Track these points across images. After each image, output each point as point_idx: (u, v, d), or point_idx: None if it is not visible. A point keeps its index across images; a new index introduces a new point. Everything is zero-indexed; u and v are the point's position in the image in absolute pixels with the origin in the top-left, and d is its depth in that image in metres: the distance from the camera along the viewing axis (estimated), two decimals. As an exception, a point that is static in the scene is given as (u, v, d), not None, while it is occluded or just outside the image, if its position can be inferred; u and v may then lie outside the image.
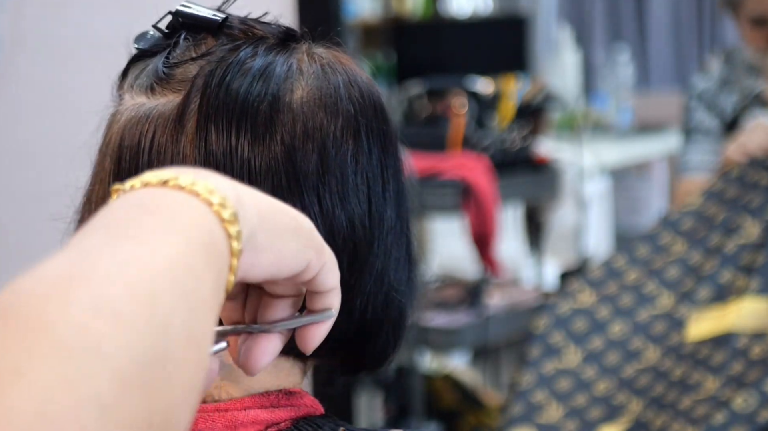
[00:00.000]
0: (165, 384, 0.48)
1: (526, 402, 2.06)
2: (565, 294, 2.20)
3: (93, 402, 0.44)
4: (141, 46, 0.83)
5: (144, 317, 0.48)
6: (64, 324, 0.45)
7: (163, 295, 0.50)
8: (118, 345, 0.46)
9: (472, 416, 3.34)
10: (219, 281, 0.55)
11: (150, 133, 0.79)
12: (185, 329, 0.50)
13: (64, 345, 0.45)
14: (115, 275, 0.49)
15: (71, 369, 0.44)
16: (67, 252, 0.50)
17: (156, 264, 0.51)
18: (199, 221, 0.55)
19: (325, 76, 0.81)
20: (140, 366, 0.46)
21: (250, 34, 0.82)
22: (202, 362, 0.51)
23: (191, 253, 0.53)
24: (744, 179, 2.12)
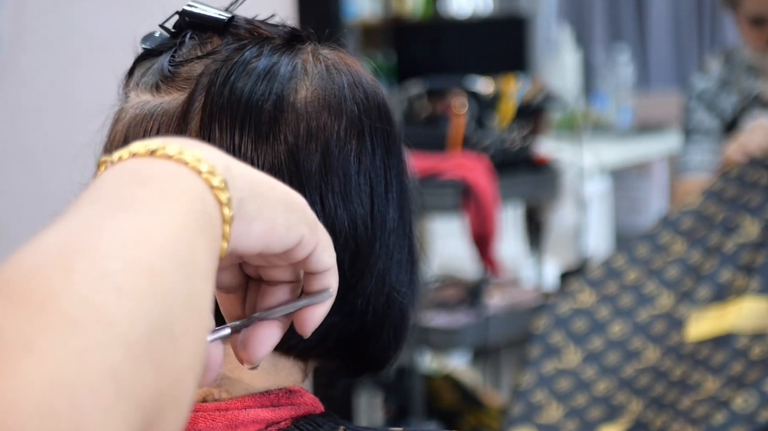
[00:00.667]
0: (172, 354, 0.48)
1: (526, 402, 2.06)
2: (565, 294, 2.20)
3: (107, 373, 0.44)
4: (148, 46, 0.83)
5: (146, 289, 0.48)
6: (70, 297, 0.46)
7: (162, 266, 0.50)
8: (125, 317, 0.46)
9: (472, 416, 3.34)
10: (213, 249, 0.55)
11: (154, 131, 0.79)
12: (186, 298, 0.50)
13: (72, 317, 0.45)
14: (114, 248, 0.49)
15: (82, 340, 0.44)
16: (64, 224, 0.50)
17: (153, 235, 0.51)
18: (189, 189, 0.55)
19: (330, 76, 0.81)
20: (148, 337, 0.47)
21: (256, 34, 0.82)
22: (203, 331, 0.51)
23: (185, 222, 0.53)
24: (743, 179, 2.12)
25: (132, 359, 0.45)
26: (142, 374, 0.46)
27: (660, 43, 5.55)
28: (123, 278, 0.48)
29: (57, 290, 0.46)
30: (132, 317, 0.47)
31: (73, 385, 0.43)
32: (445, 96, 3.35)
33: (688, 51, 5.55)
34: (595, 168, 4.04)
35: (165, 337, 0.48)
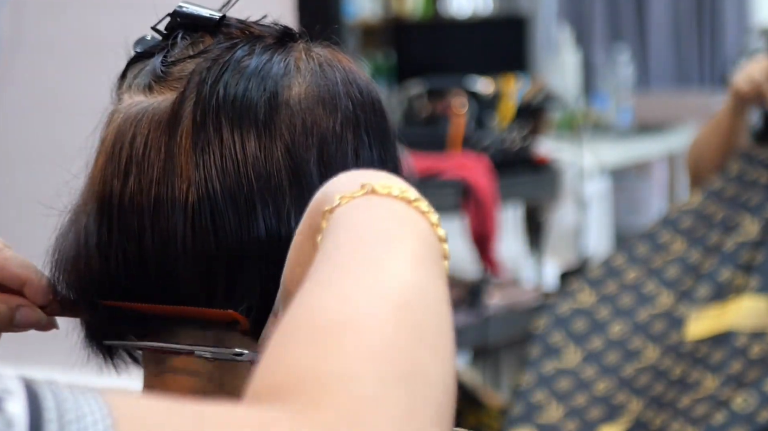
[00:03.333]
0: (451, 400, 0.54)
1: (526, 402, 2.06)
2: (565, 294, 2.20)
3: (426, 428, 0.50)
4: (140, 49, 0.83)
5: (445, 345, 0.54)
6: (400, 352, 0.51)
7: (445, 319, 0.56)
8: (437, 375, 0.53)
9: (472, 416, 3.33)
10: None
11: (146, 130, 0.79)
12: (453, 349, 0.56)
13: (406, 375, 0.50)
14: (420, 304, 0.55)
15: (413, 398, 0.50)
16: (352, 271, 0.56)
17: (435, 288, 0.57)
18: (427, 233, 0.60)
19: (323, 73, 0.81)
20: (445, 390, 0.53)
21: (248, 33, 0.82)
22: None
23: (437, 269, 0.59)
24: (743, 177, 2.12)
25: (441, 417, 0.51)
26: (444, 425, 0.52)
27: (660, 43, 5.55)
28: (436, 338, 0.54)
29: (394, 343, 0.52)
30: (443, 379, 0.53)
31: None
32: (445, 96, 3.35)
33: (688, 51, 5.55)
34: (595, 168, 4.04)
35: (451, 389, 0.54)
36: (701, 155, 2.29)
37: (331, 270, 0.55)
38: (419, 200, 0.61)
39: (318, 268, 0.56)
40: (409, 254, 0.57)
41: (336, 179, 0.64)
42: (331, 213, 0.61)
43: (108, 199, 0.79)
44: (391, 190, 0.60)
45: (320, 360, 0.49)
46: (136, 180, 0.78)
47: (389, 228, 0.59)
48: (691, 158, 2.35)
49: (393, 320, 0.52)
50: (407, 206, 0.60)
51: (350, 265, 0.55)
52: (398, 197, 0.60)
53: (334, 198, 0.61)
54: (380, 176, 0.63)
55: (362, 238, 0.58)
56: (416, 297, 0.54)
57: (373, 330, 0.51)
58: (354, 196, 0.61)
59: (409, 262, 0.56)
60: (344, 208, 0.60)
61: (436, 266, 0.58)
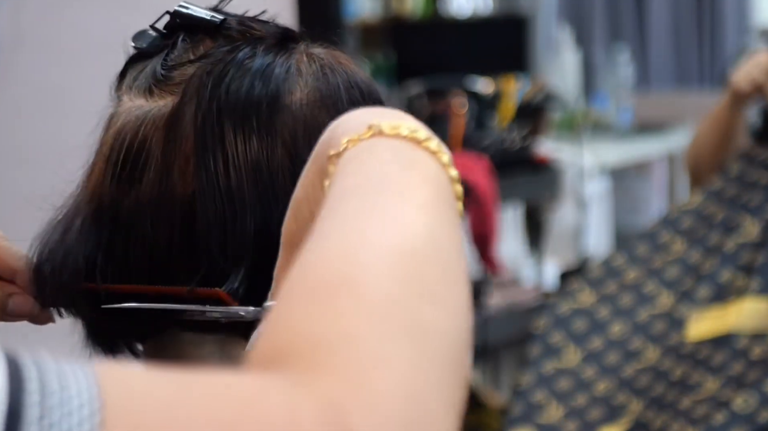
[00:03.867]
0: (465, 356, 0.51)
1: (526, 402, 2.06)
2: (565, 294, 2.20)
3: (438, 384, 0.48)
4: (139, 45, 0.83)
5: (456, 300, 0.52)
6: (405, 308, 0.49)
7: (454, 266, 0.54)
8: (447, 329, 0.50)
9: (472, 416, 3.33)
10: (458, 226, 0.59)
11: (149, 135, 0.78)
12: (466, 297, 0.54)
13: (410, 330, 0.48)
14: (427, 254, 0.52)
15: (418, 354, 0.48)
16: (359, 214, 0.54)
17: (445, 232, 0.55)
18: (438, 174, 0.58)
19: (325, 77, 0.81)
20: (455, 344, 0.50)
21: (248, 35, 0.82)
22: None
23: (450, 212, 0.57)
24: (743, 178, 2.12)
25: (451, 371, 0.49)
26: (457, 383, 0.50)
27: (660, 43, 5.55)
28: (442, 290, 0.52)
29: (395, 298, 0.49)
30: (451, 332, 0.50)
31: (422, 398, 0.47)
32: (445, 96, 3.35)
33: (688, 51, 5.54)
34: (595, 168, 4.04)
35: (464, 342, 0.51)
36: (700, 153, 2.29)
37: (333, 222, 0.54)
38: (429, 139, 0.59)
39: (322, 220, 0.55)
40: (417, 200, 0.55)
41: (343, 119, 0.62)
42: (338, 157, 0.59)
43: (108, 203, 0.79)
44: (399, 130, 0.59)
45: (318, 322, 0.48)
46: (138, 184, 0.78)
47: (397, 173, 0.57)
48: (690, 156, 2.35)
49: (396, 272, 0.50)
50: (416, 146, 0.58)
51: (354, 216, 0.54)
52: (407, 137, 0.58)
53: (341, 141, 0.60)
54: (388, 114, 0.61)
55: (368, 185, 0.56)
56: (424, 246, 0.52)
57: (374, 285, 0.49)
58: (361, 138, 0.59)
59: (417, 208, 0.54)
60: (351, 152, 0.59)
61: (447, 210, 0.56)
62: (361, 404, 0.44)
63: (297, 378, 0.45)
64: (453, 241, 0.55)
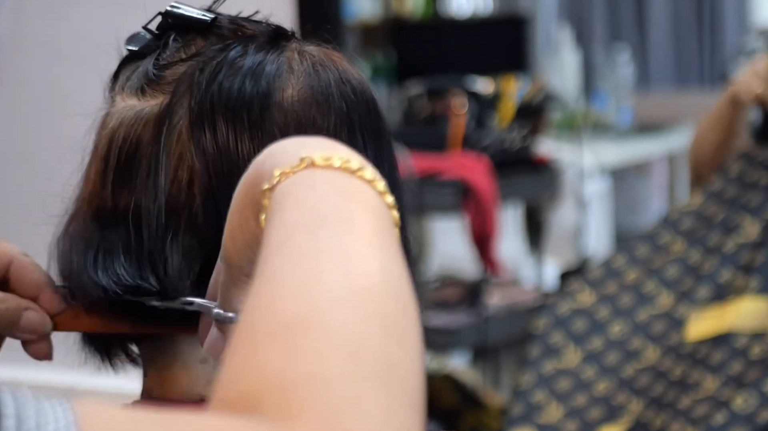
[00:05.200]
0: (422, 397, 0.51)
1: (526, 402, 2.06)
2: (564, 294, 2.20)
3: (408, 428, 0.47)
4: (133, 46, 0.83)
5: (410, 330, 0.51)
6: (373, 349, 0.48)
7: (406, 298, 0.53)
8: (408, 368, 0.50)
9: (471, 416, 3.33)
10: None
11: (141, 134, 0.78)
12: (417, 329, 0.53)
13: (379, 373, 0.48)
14: (381, 290, 0.52)
15: (388, 397, 0.47)
16: (315, 250, 0.53)
17: (391, 268, 0.54)
18: (376, 203, 0.57)
19: (316, 74, 0.81)
20: (417, 382, 0.50)
21: (240, 34, 0.82)
22: None
23: (393, 239, 0.56)
24: (743, 179, 2.12)
25: (415, 411, 0.49)
26: (420, 423, 0.49)
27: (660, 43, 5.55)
28: (402, 328, 0.51)
29: (362, 338, 0.48)
30: (414, 371, 0.50)
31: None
32: (445, 96, 3.35)
33: (688, 51, 5.54)
34: (595, 168, 4.04)
35: (422, 383, 0.51)
36: (701, 152, 2.28)
37: (282, 262, 0.52)
38: (363, 169, 0.57)
39: (268, 260, 0.53)
40: (364, 234, 0.54)
41: (272, 150, 0.60)
42: (271, 191, 0.58)
43: (104, 203, 0.79)
44: (332, 161, 0.57)
45: (287, 363, 0.47)
46: (131, 183, 0.78)
47: (339, 206, 0.55)
48: (692, 153, 2.34)
49: (358, 311, 0.49)
50: (351, 176, 0.57)
51: (306, 253, 0.52)
52: (340, 168, 0.57)
53: (273, 174, 0.58)
54: (318, 144, 0.59)
55: (312, 220, 0.54)
56: (379, 282, 0.51)
57: (339, 324, 0.48)
58: (294, 170, 0.57)
59: (366, 243, 0.53)
60: (284, 185, 0.57)
61: (391, 241, 0.55)
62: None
63: (272, 422, 0.45)
64: (402, 274, 0.54)
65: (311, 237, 0.53)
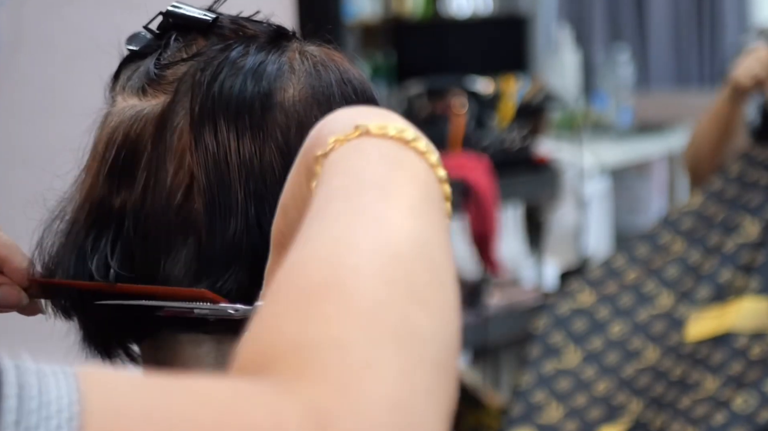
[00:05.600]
0: (454, 361, 0.51)
1: (526, 402, 2.06)
2: (564, 294, 2.20)
3: (427, 392, 0.47)
4: (134, 46, 0.83)
5: (444, 303, 0.51)
6: (394, 313, 0.48)
7: (443, 267, 0.53)
8: (434, 335, 0.49)
9: (472, 416, 3.33)
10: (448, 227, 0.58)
11: (142, 134, 0.78)
12: (455, 299, 0.53)
13: (398, 335, 0.47)
14: (413, 254, 0.51)
15: (407, 360, 0.47)
16: (348, 216, 0.53)
17: (434, 237, 0.54)
18: (426, 173, 0.57)
19: (318, 73, 0.81)
20: (444, 349, 0.49)
21: (241, 34, 0.82)
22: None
23: (439, 215, 0.56)
24: (743, 179, 2.12)
25: (439, 375, 0.48)
26: (446, 387, 0.49)
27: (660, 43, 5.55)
28: (430, 293, 0.50)
29: (382, 301, 0.48)
30: (439, 335, 0.49)
31: (409, 405, 0.46)
32: (445, 96, 3.35)
33: (688, 51, 5.54)
34: (595, 168, 4.04)
35: (453, 346, 0.51)
36: (699, 149, 2.28)
37: (320, 225, 0.53)
38: (417, 140, 0.58)
39: (308, 222, 0.54)
40: (404, 202, 0.54)
41: (330, 119, 0.60)
42: (325, 157, 0.58)
43: (102, 203, 0.79)
44: (386, 130, 0.57)
45: (304, 326, 0.47)
46: (131, 182, 0.78)
47: (383, 173, 0.55)
48: (689, 152, 2.34)
49: (383, 276, 0.49)
50: (404, 146, 0.57)
51: (340, 218, 0.53)
52: (394, 137, 0.57)
53: (328, 140, 0.58)
54: (376, 113, 0.60)
55: (354, 187, 0.54)
56: (411, 248, 0.51)
57: (361, 288, 0.48)
58: (348, 138, 0.58)
59: (403, 210, 0.53)
60: (337, 152, 0.57)
61: (435, 212, 0.55)
62: (347, 409, 0.44)
63: (282, 383, 0.45)
64: (441, 243, 0.54)
65: (350, 202, 0.53)
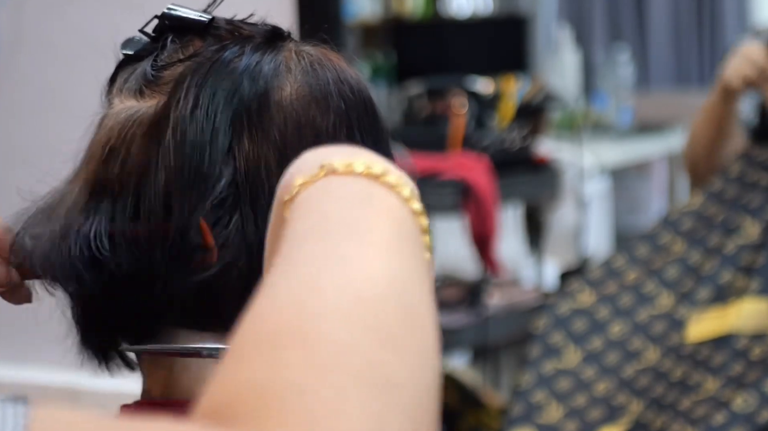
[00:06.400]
0: (431, 406, 0.49)
1: (526, 402, 2.06)
2: (564, 294, 2.20)
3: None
4: (129, 51, 0.83)
5: (418, 347, 0.49)
6: (360, 357, 0.46)
7: (418, 307, 0.50)
8: (407, 380, 0.47)
9: (472, 416, 3.33)
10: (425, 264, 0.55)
11: (137, 135, 0.78)
12: (433, 342, 0.51)
13: (367, 381, 0.45)
14: (386, 296, 0.49)
15: (378, 405, 0.45)
16: (315, 261, 0.50)
17: (407, 281, 0.51)
18: (398, 208, 0.55)
19: (314, 72, 0.81)
20: (419, 394, 0.48)
21: (237, 34, 0.82)
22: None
23: (415, 247, 0.53)
24: (744, 179, 2.12)
25: (414, 422, 0.46)
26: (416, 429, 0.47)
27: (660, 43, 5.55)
28: (403, 335, 0.48)
29: (348, 346, 0.46)
30: (413, 380, 0.48)
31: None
32: (445, 96, 3.35)
33: (688, 51, 5.54)
34: (595, 168, 4.04)
35: (430, 392, 0.49)
36: (696, 149, 2.28)
37: (284, 269, 0.50)
38: (387, 173, 0.55)
39: (274, 268, 0.51)
40: (374, 240, 0.51)
41: (298, 161, 0.58)
42: (291, 203, 0.56)
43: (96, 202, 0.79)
44: (353, 167, 0.55)
45: (268, 373, 0.45)
46: (128, 185, 0.78)
47: (351, 212, 0.53)
48: (687, 153, 2.34)
49: (349, 319, 0.47)
50: (373, 182, 0.54)
51: (307, 261, 0.50)
52: (362, 174, 0.54)
53: (294, 184, 0.56)
54: (343, 151, 0.57)
55: (321, 228, 0.52)
56: (381, 289, 0.49)
57: (325, 334, 0.46)
58: (314, 179, 0.55)
59: (374, 249, 0.51)
60: (303, 194, 0.55)
61: (410, 249, 0.52)
62: None
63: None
64: (418, 282, 0.51)
65: (314, 245, 0.51)
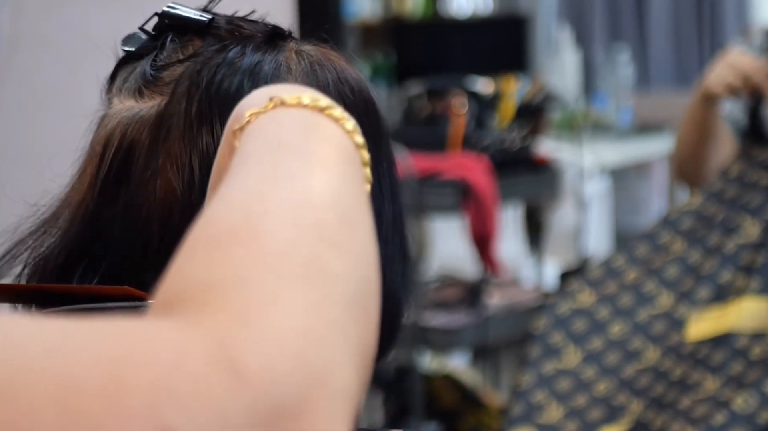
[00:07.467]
0: (370, 303, 0.51)
1: (526, 403, 2.06)
2: (564, 294, 2.20)
3: (336, 325, 0.47)
4: (129, 47, 0.83)
5: (353, 243, 0.52)
6: (302, 252, 0.49)
7: (357, 218, 0.53)
8: (344, 273, 0.49)
9: (471, 416, 3.33)
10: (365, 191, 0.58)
11: (138, 135, 0.78)
12: (372, 249, 0.54)
13: (306, 272, 0.48)
14: (324, 201, 0.52)
15: (314, 294, 0.47)
16: (259, 171, 0.54)
17: (344, 187, 0.54)
18: (342, 138, 0.58)
19: (315, 73, 0.81)
20: (359, 289, 0.50)
21: (237, 34, 0.82)
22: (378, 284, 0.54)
23: (355, 175, 0.57)
24: (743, 179, 2.12)
25: (352, 312, 0.49)
26: (360, 325, 0.49)
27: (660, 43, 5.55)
28: (341, 237, 0.51)
29: (291, 243, 0.49)
30: (352, 275, 0.50)
31: (318, 336, 0.46)
32: (445, 96, 3.35)
33: (688, 51, 5.54)
34: (595, 168, 4.04)
35: (367, 286, 0.51)
36: (683, 152, 2.29)
37: (232, 184, 0.54)
38: (332, 107, 0.59)
39: (222, 186, 0.55)
40: (318, 159, 0.55)
41: (249, 96, 0.62)
42: (241, 131, 0.60)
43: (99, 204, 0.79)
44: (301, 99, 0.59)
45: (211, 268, 0.47)
46: (127, 184, 0.78)
47: (296, 135, 0.57)
48: (675, 158, 2.35)
49: (292, 221, 0.50)
50: (319, 113, 0.59)
51: (252, 175, 0.54)
52: (309, 106, 0.59)
53: (244, 114, 0.60)
54: (292, 87, 0.61)
55: (266, 148, 0.56)
56: (323, 199, 0.52)
57: (270, 232, 0.49)
58: (263, 110, 0.59)
59: (317, 166, 0.54)
60: (253, 125, 0.59)
61: (351, 172, 0.56)
62: (251, 340, 0.44)
63: (186, 319, 0.45)
64: (357, 198, 0.55)
65: (260, 164, 0.55)
